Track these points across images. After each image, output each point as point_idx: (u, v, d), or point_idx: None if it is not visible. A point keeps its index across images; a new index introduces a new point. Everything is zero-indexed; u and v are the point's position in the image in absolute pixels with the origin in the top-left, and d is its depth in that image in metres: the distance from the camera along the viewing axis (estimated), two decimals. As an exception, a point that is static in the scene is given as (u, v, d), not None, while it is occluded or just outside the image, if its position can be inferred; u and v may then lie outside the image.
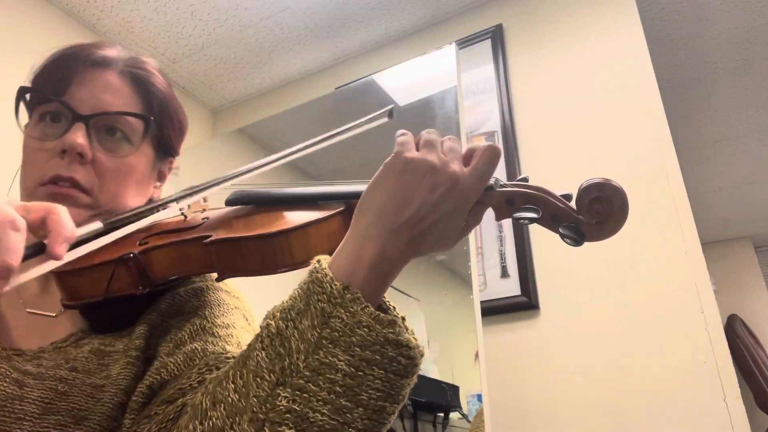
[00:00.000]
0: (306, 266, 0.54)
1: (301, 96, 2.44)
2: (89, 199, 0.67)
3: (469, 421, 1.49)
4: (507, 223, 1.75)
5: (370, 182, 0.52)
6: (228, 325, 0.66)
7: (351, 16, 2.20)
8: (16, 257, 0.42)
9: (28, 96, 0.71)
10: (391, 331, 0.46)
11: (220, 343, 0.62)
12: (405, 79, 1.96)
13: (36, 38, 2.00)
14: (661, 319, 1.45)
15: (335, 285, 0.47)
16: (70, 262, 0.61)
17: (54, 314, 0.65)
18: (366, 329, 0.46)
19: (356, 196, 0.58)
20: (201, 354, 0.59)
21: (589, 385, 1.48)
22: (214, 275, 0.74)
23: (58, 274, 0.61)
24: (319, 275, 0.48)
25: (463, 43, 2.06)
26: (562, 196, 0.55)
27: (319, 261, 0.49)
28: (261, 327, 0.49)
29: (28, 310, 0.65)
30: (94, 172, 0.67)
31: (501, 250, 1.72)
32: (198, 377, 0.56)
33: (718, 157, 3.13)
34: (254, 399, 0.46)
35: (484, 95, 1.95)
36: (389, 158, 0.51)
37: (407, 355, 0.47)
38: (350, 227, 0.51)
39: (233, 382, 0.48)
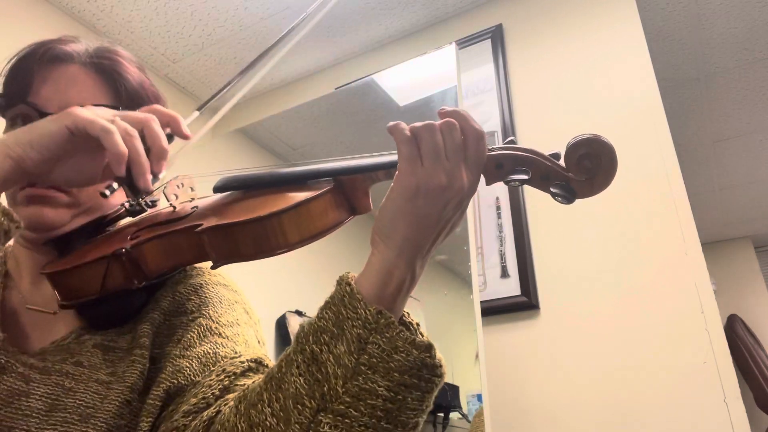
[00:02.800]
0: (300, 246, 0.55)
1: (301, 96, 2.44)
2: (68, 198, 0.65)
3: (469, 421, 1.49)
4: (507, 223, 1.74)
5: (383, 204, 0.51)
6: (233, 323, 0.66)
7: (351, 16, 2.20)
8: (165, 141, 0.56)
9: None
10: (428, 354, 0.47)
11: (229, 345, 0.62)
12: (405, 79, 1.96)
13: (36, 38, 2.00)
14: (661, 319, 1.45)
15: (369, 310, 0.47)
16: (63, 263, 0.61)
17: (52, 311, 0.65)
18: (403, 354, 0.47)
19: (344, 172, 0.59)
20: (213, 358, 0.60)
21: (589, 385, 1.48)
22: (209, 267, 0.73)
23: (52, 275, 0.61)
24: (352, 300, 0.48)
25: (463, 43, 2.06)
26: (550, 155, 0.55)
27: (349, 284, 0.50)
28: (294, 350, 0.50)
29: (27, 306, 0.65)
30: None
31: (501, 250, 1.72)
32: (219, 385, 0.57)
33: (718, 157, 3.13)
34: (296, 425, 0.46)
35: (484, 95, 1.95)
36: (396, 179, 0.51)
37: (440, 374, 0.49)
38: (373, 253, 0.51)
39: (269, 406, 0.48)
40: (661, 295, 1.47)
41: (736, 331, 3.70)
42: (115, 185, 0.54)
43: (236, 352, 0.61)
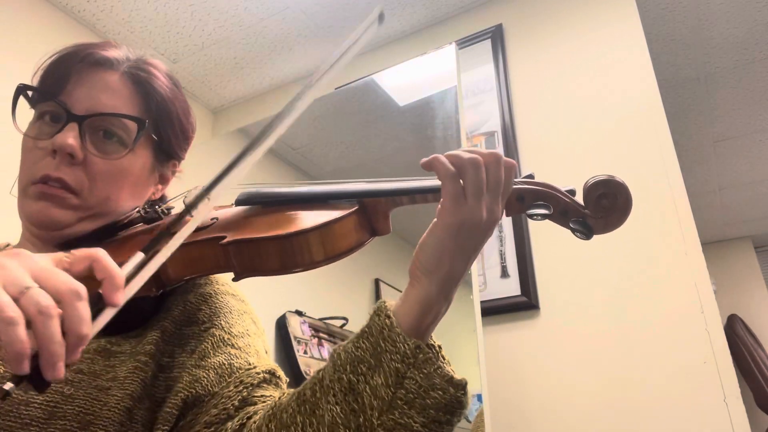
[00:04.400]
0: (323, 265, 0.56)
1: (301, 96, 2.44)
2: (78, 200, 0.66)
3: (469, 421, 1.49)
4: (507, 222, 1.74)
5: (425, 240, 0.52)
6: (243, 333, 0.67)
7: (351, 16, 2.20)
8: (88, 326, 0.42)
9: (30, 94, 0.70)
10: (463, 392, 0.49)
11: (242, 356, 0.63)
12: (405, 79, 1.96)
13: (36, 38, 2.00)
14: (661, 319, 1.45)
15: (408, 345, 0.48)
16: None
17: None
18: (440, 392, 0.48)
19: (368, 195, 0.60)
20: (229, 369, 0.61)
21: (589, 385, 1.48)
22: (218, 278, 0.73)
23: None
24: (391, 333, 0.49)
25: (463, 43, 2.06)
26: (566, 191, 0.58)
27: (389, 317, 0.50)
28: (330, 378, 0.50)
29: None
30: (85, 173, 0.66)
31: (501, 250, 1.72)
32: (237, 396, 0.58)
33: (718, 157, 3.12)
34: None
35: (484, 95, 1.95)
36: (442, 216, 0.51)
37: (467, 406, 0.50)
38: (414, 285, 0.52)
39: (302, 430, 0.49)
40: (661, 295, 1.47)
41: (736, 331, 3.70)
42: (8, 386, 0.40)
43: (250, 364, 0.62)
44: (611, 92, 1.74)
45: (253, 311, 0.74)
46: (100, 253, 0.46)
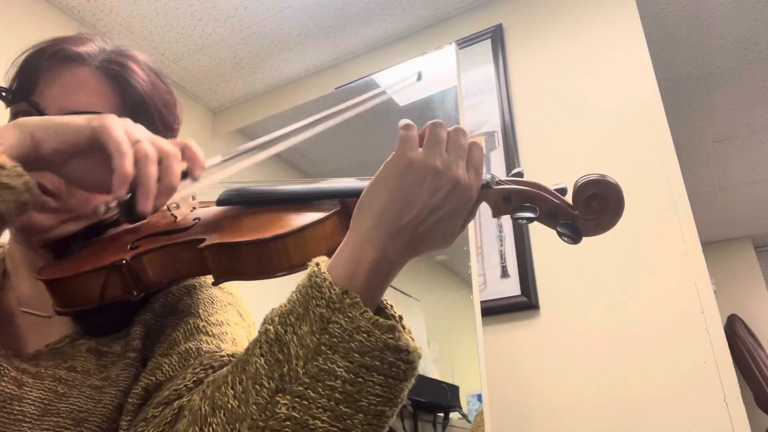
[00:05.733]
0: (304, 269, 0.53)
1: (301, 96, 2.44)
2: (57, 203, 0.63)
3: (469, 421, 1.49)
4: (507, 223, 1.75)
5: (371, 180, 0.51)
6: (222, 322, 0.65)
7: (351, 16, 2.20)
8: (177, 181, 0.54)
9: (3, 93, 0.67)
10: (391, 336, 0.46)
11: (214, 342, 0.61)
12: (405, 79, 1.96)
13: (36, 38, 2.00)
14: (661, 319, 1.45)
15: (334, 289, 0.46)
16: (61, 269, 0.60)
17: (48, 315, 0.64)
18: (365, 335, 0.45)
19: (351, 194, 0.57)
20: (195, 353, 0.59)
21: (589, 385, 1.48)
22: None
23: (48, 282, 0.59)
24: (318, 279, 0.47)
25: (463, 43, 2.06)
26: (556, 189, 0.55)
27: (317, 264, 0.49)
28: (260, 332, 0.49)
29: (22, 309, 0.65)
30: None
31: (501, 250, 1.72)
32: (193, 377, 0.56)
33: (718, 157, 3.12)
34: (254, 406, 0.45)
35: (484, 95, 1.95)
36: (391, 156, 0.50)
37: (406, 360, 0.47)
38: (350, 228, 0.50)
39: (232, 388, 0.48)
40: (661, 295, 1.47)
41: (736, 331, 3.70)
42: (113, 204, 0.50)
43: (220, 349, 0.60)
44: (611, 92, 1.74)
45: (241, 304, 0.72)
46: (191, 142, 0.58)
